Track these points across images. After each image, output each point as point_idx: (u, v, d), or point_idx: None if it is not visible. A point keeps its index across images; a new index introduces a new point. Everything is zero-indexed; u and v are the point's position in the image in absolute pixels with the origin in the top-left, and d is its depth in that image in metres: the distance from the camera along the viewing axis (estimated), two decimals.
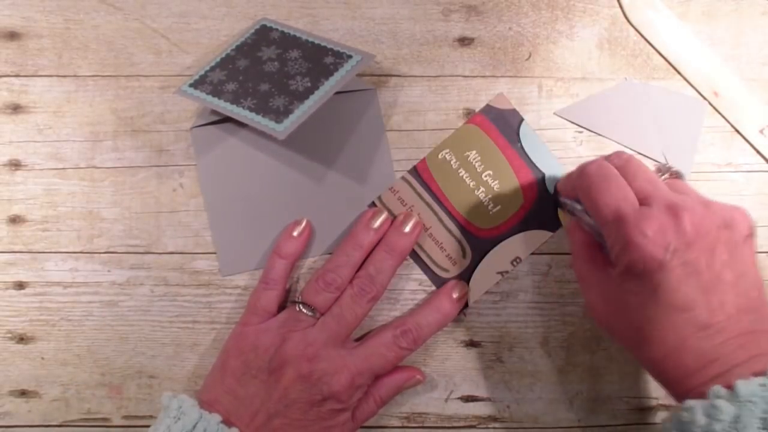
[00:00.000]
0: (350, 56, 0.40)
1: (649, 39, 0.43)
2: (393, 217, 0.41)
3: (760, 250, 0.43)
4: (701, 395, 0.29)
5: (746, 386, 0.28)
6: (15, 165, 0.42)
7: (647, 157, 0.43)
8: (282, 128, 0.37)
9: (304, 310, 0.38)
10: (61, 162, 0.42)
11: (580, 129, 0.43)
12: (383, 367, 0.38)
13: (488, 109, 0.42)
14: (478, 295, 0.42)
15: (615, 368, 0.43)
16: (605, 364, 0.43)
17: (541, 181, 0.42)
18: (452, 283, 0.41)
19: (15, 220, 0.42)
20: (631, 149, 0.43)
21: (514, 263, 0.42)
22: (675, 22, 0.43)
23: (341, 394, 0.37)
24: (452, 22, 0.43)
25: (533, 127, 0.43)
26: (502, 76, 0.43)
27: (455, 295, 0.40)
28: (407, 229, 0.40)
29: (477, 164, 0.42)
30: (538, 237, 0.42)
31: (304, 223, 0.41)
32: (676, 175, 0.38)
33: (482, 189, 0.42)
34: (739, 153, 0.43)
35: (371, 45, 0.43)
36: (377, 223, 0.40)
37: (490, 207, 0.42)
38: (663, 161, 0.43)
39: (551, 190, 0.41)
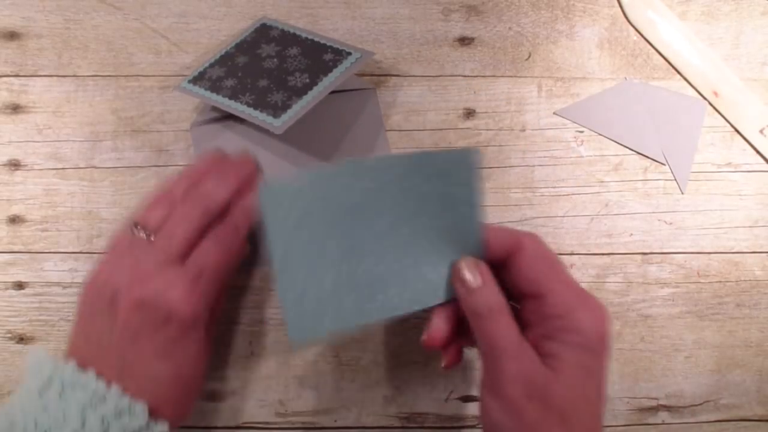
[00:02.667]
0: (349, 53, 0.40)
1: (649, 39, 0.43)
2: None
3: (760, 250, 0.43)
4: None
5: None
6: (15, 165, 0.42)
7: (647, 156, 0.43)
8: (279, 123, 0.37)
9: (138, 232, 0.35)
10: (61, 162, 0.42)
11: (581, 129, 0.43)
12: (218, 266, 0.36)
13: None
14: None
15: (615, 368, 0.43)
16: None
17: None
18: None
19: (14, 220, 0.42)
20: (631, 149, 0.43)
21: None
22: (675, 22, 0.43)
23: (182, 308, 0.33)
24: (452, 21, 0.43)
25: (533, 127, 0.43)
26: (502, 76, 0.43)
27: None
28: (248, 159, 0.39)
29: None
30: None
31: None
32: None
33: None
34: (739, 153, 0.43)
35: (371, 45, 0.43)
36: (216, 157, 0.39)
37: None
38: (663, 161, 0.43)
39: None
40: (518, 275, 0.32)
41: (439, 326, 0.33)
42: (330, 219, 0.32)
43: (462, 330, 0.34)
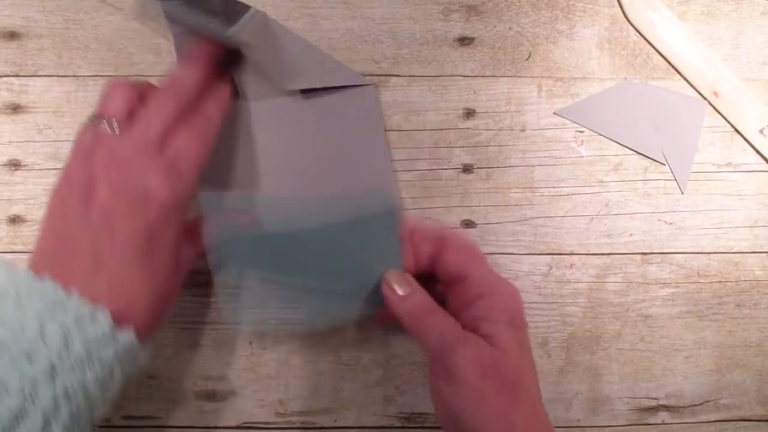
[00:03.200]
0: None
1: (649, 39, 0.43)
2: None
3: (760, 250, 0.43)
4: None
5: None
6: (15, 165, 0.42)
7: (647, 156, 0.43)
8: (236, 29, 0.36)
9: (104, 124, 0.34)
10: (61, 162, 0.42)
11: (581, 129, 0.43)
12: (196, 155, 0.35)
13: None
14: None
15: (615, 368, 0.43)
16: (605, 364, 0.43)
17: None
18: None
19: (15, 220, 0.42)
20: (631, 149, 0.43)
21: None
22: (675, 22, 0.43)
23: (162, 189, 0.33)
24: (452, 22, 0.43)
25: (533, 127, 0.43)
26: (502, 76, 0.43)
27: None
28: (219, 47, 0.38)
29: None
30: None
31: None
32: None
33: None
34: (739, 153, 0.43)
35: (371, 45, 0.43)
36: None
37: None
38: (663, 161, 0.43)
39: None
40: (446, 263, 0.35)
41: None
42: (263, 245, 0.37)
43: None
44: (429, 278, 0.37)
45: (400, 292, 0.35)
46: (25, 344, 0.29)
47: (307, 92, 0.42)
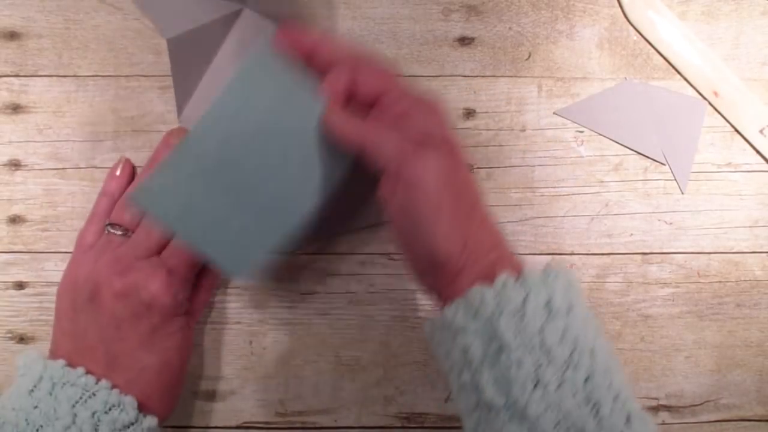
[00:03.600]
0: None
1: (649, 39, 0.43)
2: None
3: (760, 250, 0.43)
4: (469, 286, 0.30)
5: (532, 275, 0.30)
6: (15, 165, 0.42)
7: (647, 156, 0.43)
8: None
9: (113, 231, 0.38)
10: (61, 162, 0.42)
11: (581, 129, 0.43)
12: (192, 256, 0.37)
13: None
14: None
15: None
16: None
17: None
18: None
19: (15, 220, 0.42)
20: (631, 149, 0.43)
21: None
22: (675, 22, 0.43)
23: (162, 296, 0.36)
24: (452, 21, 0.43)
25: (533, 127, 0.43)
26: (502, 76, 0.43)
27: None
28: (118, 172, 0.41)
29: None
30: None
31: (123, 162, 0.41)
32: None
33: None
34: (739, 153, 0.43)
35: (371, 45, 0.43)
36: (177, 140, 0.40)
37: None
38: (663, 161, 0.43)
39: None
40: (361, 86, 0.33)
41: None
42: (208, 180, 0.35)
43: None
44: None
45: (339, 116, 0.34)
46: (59, 428, 0.32)
47: None
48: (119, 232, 0.38)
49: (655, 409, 0.43)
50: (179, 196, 0.35)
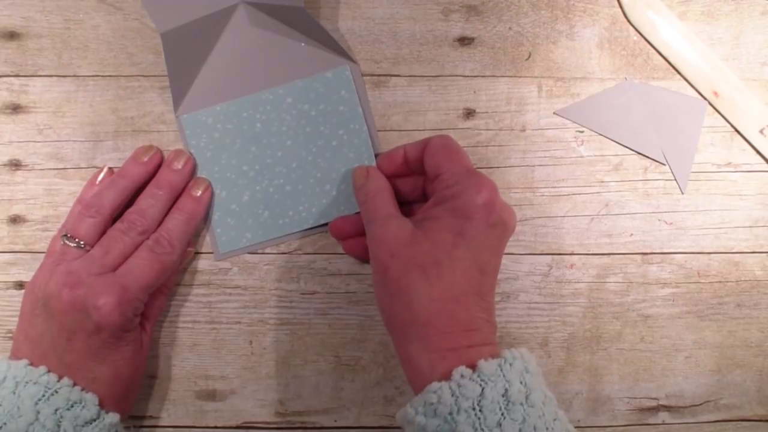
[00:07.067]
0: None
1: (649, 39, 0.43)
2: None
3: (760, 250, 0.43)
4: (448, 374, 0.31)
5: (487, 366, 0.31)
6: (15, 165, 0.42)
7: (647, 156, 0.43)
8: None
9: (69, 243, 0.38)
10: (62, 162, 0.42)
11: (581, 129, 0.43)
12: (148, 276, 0.37)
13: None
14: None
15: (615, 368, 0.43)
16: (605, 364, 0.43)
17: None
18: (192, 181, 0.41)
19: (15, 220, 0.42)
20: (631, 149, 0.43)
21: None
22: (675, 22, 0.43)
23: (110, 316, 0.35)
24: (452, 22, 0.43)
25: (533, 127, 0.43)
26: (502, 76, 0.43)
27: (196, 193, 0.40)
28: (179, 165, 0.40)
29: None
30: None
31: (105, 171, 0.41)
32: None
33: None
34: (739, 153, 0.43)
35: (371, 45, 0.43)
36: (146, 157, 0.40)
37: None
38: (663, 161, 0.43)
39: None
40: (426, 164, 0.37)
41: (342, 219, 0.41)
42: (239, 147, 0.41)
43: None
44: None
45: (357, 180, 0.39)
46: (22, 425, 0.33)
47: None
48: (73, 245, 0.38)
49: (655, 409, 0.43)
50: (212, 144, 0.40)
